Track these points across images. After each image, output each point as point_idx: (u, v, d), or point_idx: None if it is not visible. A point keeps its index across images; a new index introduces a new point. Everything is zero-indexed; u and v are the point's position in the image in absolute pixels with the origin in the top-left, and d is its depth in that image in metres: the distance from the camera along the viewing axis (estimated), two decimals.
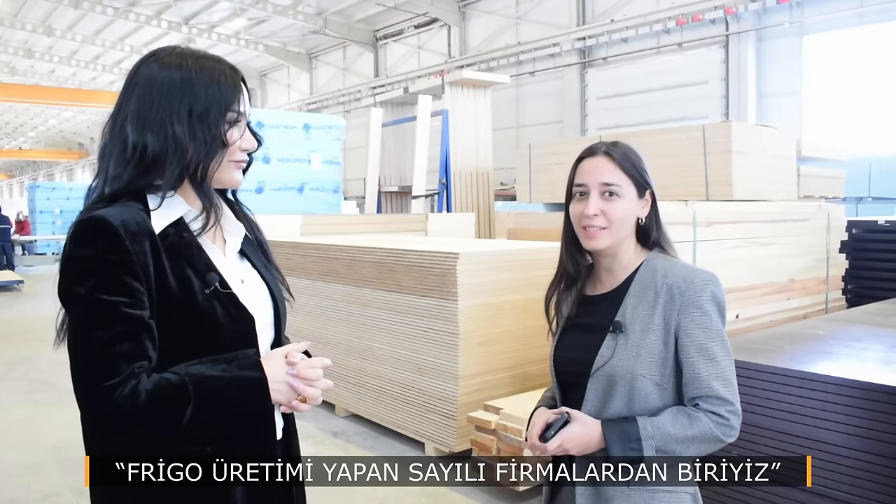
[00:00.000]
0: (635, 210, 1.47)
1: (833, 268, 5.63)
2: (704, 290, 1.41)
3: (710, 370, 1.38)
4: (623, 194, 1.45)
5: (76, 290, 1.12)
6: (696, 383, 1.39)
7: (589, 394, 1.44)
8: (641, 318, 1.43)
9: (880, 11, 10.71)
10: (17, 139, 41.22)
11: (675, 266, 1.46)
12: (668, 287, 1.42)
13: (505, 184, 14.15)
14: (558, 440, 1.38)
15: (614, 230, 1.45)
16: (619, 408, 1.41)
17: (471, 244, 4.96)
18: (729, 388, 1.39)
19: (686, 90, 12.97)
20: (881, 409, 2.35)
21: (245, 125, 1.28)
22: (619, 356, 1.41)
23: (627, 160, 1.46)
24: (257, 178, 8.08)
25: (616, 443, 1.36)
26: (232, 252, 1.32)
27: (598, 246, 1.46)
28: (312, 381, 1.21)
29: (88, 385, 1.09)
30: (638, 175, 1.47)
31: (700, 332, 1.39)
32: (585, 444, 1.39)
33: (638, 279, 1.46)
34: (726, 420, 1.37)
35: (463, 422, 3.88)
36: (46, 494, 3.73)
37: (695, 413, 1.37)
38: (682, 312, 1.40)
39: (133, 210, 1.17)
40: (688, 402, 1.40)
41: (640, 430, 1.35)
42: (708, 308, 1.40)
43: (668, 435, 1.35)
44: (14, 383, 6.13)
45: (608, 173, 1.45)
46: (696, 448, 1.37)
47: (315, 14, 19.39)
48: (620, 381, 1.41)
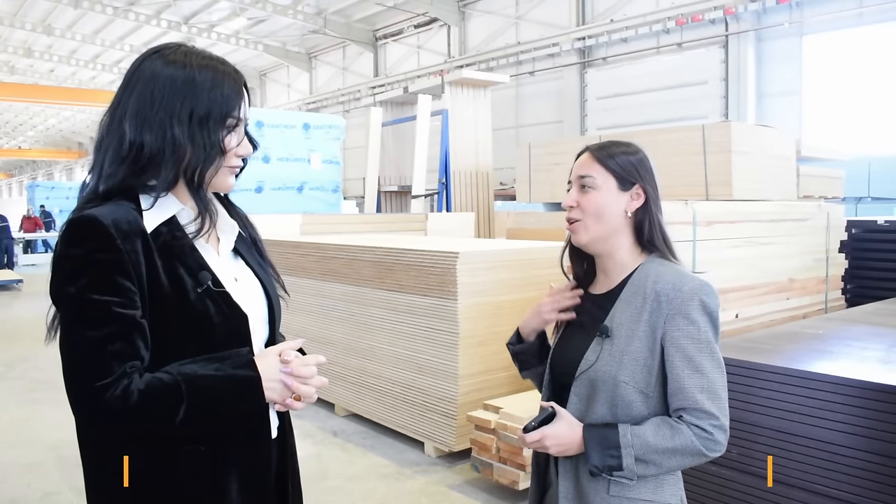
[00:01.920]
0: (616, 202, 1.44)
1: (832, 267, 5.62)
2: (693, 298, 1.36)
3: (695, 382, 1.34)
4: (597, 185, 1.45)
5: (67, 289, 1.11)
6: (680, 395, 1.35)
7: (573, 396, 1.43)
8: (628, 324, 1.40)
9: (880, 12, 10.70)
10: (17, 138, 41.21)
11: (667, 272, 1.41)
12: (656, 293, 1.39)
13: (504, 184, 14.15)
14: (538, 434, 1.37)
15: (590, 223, 1.45)
16: (602, 413, 1.39)
17: (470, 244, 4.96)
18: (716, 401, 1.34)
19: (685, 90, 12.97)
20: (881, 409, 2.34)
21: (243, 131, 1.27)
22: (602, 361, 1.39)
23: (608, 155, 1.46)
24: (257, 177, 8.08)
25: (595, 449, 1.34)
26: (225, 250, 1.31)
27: (580, 240, 1.48)
28: (306, 378, 1.20)
29: (80, 385, 1.08)
30: (619, 168, 1.45)
31: (687, 342, 1.35)
32: (566, 445, 1.37)
33: (631, 283, 1.44)
34: (710, 434, 1.32)
35: (462, 421, 3.88)
36: (46, 493, 3.73)
37: (678, 425, 1.33)
38: (669, 321, 1.36)
39: (125, 209, 1.16)
40: (672, 413, 1.36)
41: (619, 437, 1.33)
42: (696, 317, 1.36)
43: (649, 445, 1.32)
44: (13, 383, 6.13)
45: (586, 167, 1.48)
46: (678, 461, 1.34)
47: (315, 14, 19.39)
48: (602, 387, 1.39)
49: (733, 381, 2.74)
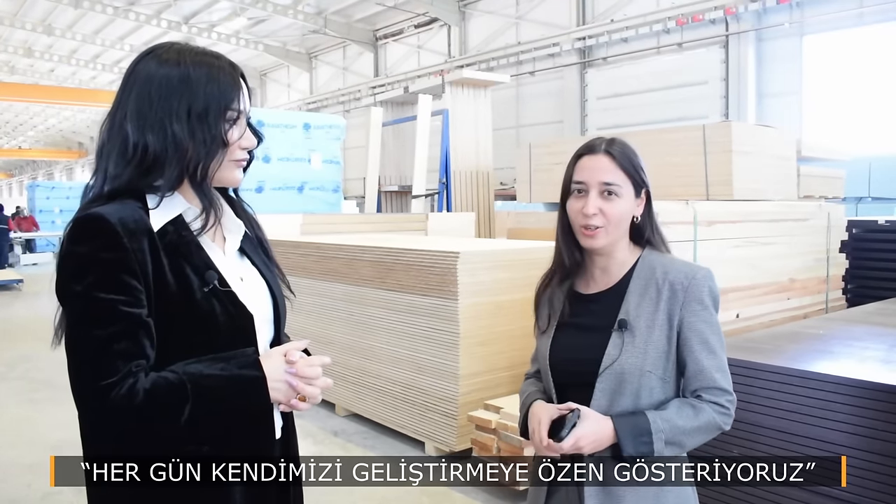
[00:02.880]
0: (632, 209, 1.47)
1: (833, 267, 5.63)
2: (704, 285, 1.45)
3: (711, 363, 1.43)
4: (622, 194, 1.44)
5: (73, 287, 1.11)
6: (699, 375, 1.43)
7: (597, 393, 1.43)
8: (646, 316, 1.44)
9: (880, 12, 10.70)
10: (17, 138, 41.20)
11: (673, 263, 1.49)
12: (670, 283, 1.45)
13: (505, 183, 14.14)
14: (573, 438, 1.36)
15: (611, 230, 1.45)
16: (626, 404, 1.42)
17: (471, 244, 4.96)
18: (726, 378, 1.44)
19: (686, 90, 12.97)
20: (881, 409, 2.34)
21: (245, 123, 1.26)
22: (627, 354, 1.42)
23: (626, 159, 1.46)
24: (257, 177, 8.08)
25: (628, 438, 1.37)
26: (231, 250, 1.31)
27: (596, 245, 1.46)
28: (311, 379, 1.20)
29: (85, 384, 1.08)
30: (636, 174, 1.46)
31: (703, 326, 1.43)
32: (599, 441, 1.38)
33: (637, 277, 1.47)
34: (727, 409, 1.42)
35: (463, 421, 3.88)
36: (46, 493, 3.73)
37: (699, 404, 1.41)
38: (685, 307, 1.43)
39: (131, 208, 1.16)
40: (689, 393, 1.44)
41: (650, 424, 1.38)
42: (708, 302, 1.45)
43: (677, 427, 1.39)
44: (14, 382, 6.13)
45: (609, 173, 1.44)
46: (701, 437, 1.42)
47: (315, 13, 19.38)
48: (630, 379, 1.42)
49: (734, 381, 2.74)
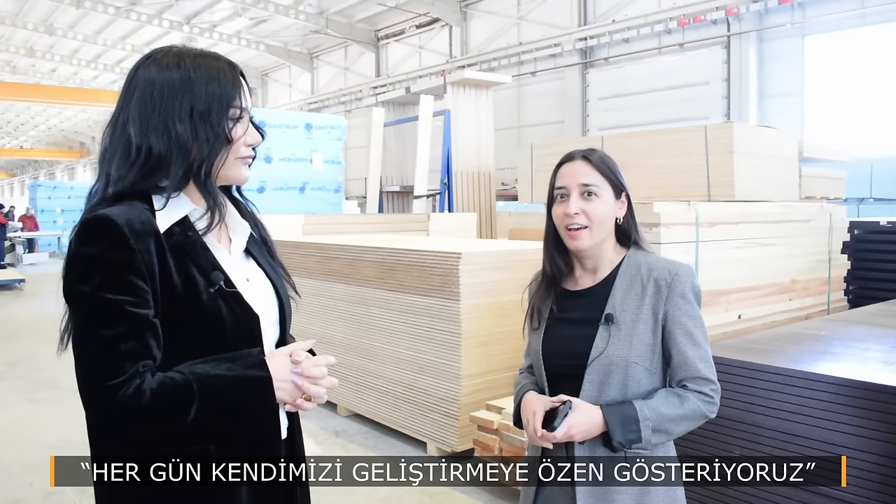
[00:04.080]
0: (613, 210, 1.57)
1: (835, 268, 5.62)
2: (687, 281, 1.53)
3: (695, 354, 1.50)
4: (601, 195, 1.55)
5: (80, 288, 1.11)
6: (684, 366, 1.50)
7: (586, 383, 1.51)
8: (631, 310, 1.53)
9: (882, 12, 10.71)
10: (19, 138, 41.25)
11: (657, 261, 1.58)
12: (654, 280, 1.53)
13: (506, 184, 14.14)
14: (565, 427, 1.44)
15: (595, 229, 1.55)
16: (614, 394, 1.50)
17: (473, 244, 4.96)
18: (710, 368, 1.52)
19: (687, 91, 12.97)
20: (883, 410, 2.35)
21: (248, 120, 1.27)
22: (613, 346, 1.51)
23: (603, 163, 1.57)
24: (259, 177, 8.09)
25: (617, 427, 1.45)
26: (237, 251, 1.32)
27: (582, 245, 1.55)
28: (317, 379, 1.21)
29: (93, 384, 1.09)
30: (614, 177, 1.57)
31: (686, 320, 1.52)
32: (588, 430, 1.46)
33: (623, 274, 1.57)
34: (711, 398, 1.50)
35: (465, 421, 3.88)
36: (48, 493, 3.73)
37: (684, 394, 1.49)
38: (669, 302, 1.52)
39: (138, 209, 1.17)
40: (675, 383, 1.52)
41: (637, 412, 1.45)
42: (690, 297, 1.53)
43: (663, 415, 1.46)
44: (15, 382, 6.14)
45: (587, 175, 1.55)
46: (686, 425, 1.50)
47: (316, 14, 19.40)
48: (616, 370, 1.50)
49: (735, 381, 2.75)
